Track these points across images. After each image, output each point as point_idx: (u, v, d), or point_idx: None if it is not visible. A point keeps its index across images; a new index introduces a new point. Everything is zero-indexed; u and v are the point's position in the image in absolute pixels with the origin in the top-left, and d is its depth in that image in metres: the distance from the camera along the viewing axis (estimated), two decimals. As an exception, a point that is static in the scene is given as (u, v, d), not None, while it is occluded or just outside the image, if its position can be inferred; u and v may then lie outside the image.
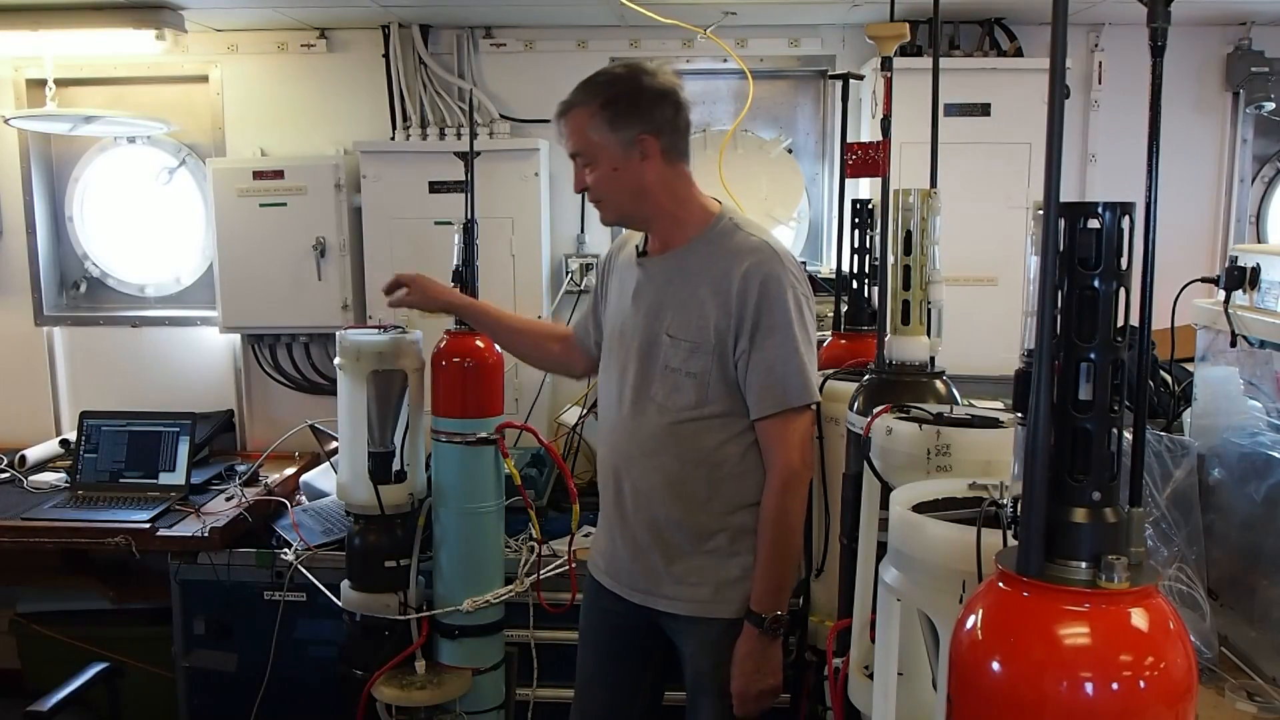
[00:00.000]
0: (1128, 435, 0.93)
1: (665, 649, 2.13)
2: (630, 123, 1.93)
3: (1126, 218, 0.87)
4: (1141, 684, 0.81)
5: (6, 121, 3.32)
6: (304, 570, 2.76)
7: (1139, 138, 0.95)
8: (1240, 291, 2.12)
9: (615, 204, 2.00)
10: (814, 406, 1.96)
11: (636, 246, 2.09)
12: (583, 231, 3.50)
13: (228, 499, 3.05)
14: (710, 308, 1.93)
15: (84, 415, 3.27)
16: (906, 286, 1.68)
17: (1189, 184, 3.43)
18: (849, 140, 2.32)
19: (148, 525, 2.87)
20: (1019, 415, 0.94)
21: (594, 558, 2.19)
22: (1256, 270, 2.09)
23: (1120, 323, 0.88)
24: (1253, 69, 3.33)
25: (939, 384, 1.66)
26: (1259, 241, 3.45)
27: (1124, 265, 0.88)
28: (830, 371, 2.09)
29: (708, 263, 1.96)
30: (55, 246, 3.73)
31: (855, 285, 2.39)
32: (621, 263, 2.14)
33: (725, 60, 3.44)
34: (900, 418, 1.45)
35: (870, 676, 1.36)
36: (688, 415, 1.95)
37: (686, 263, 1.98)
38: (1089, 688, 0.81)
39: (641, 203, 1.98)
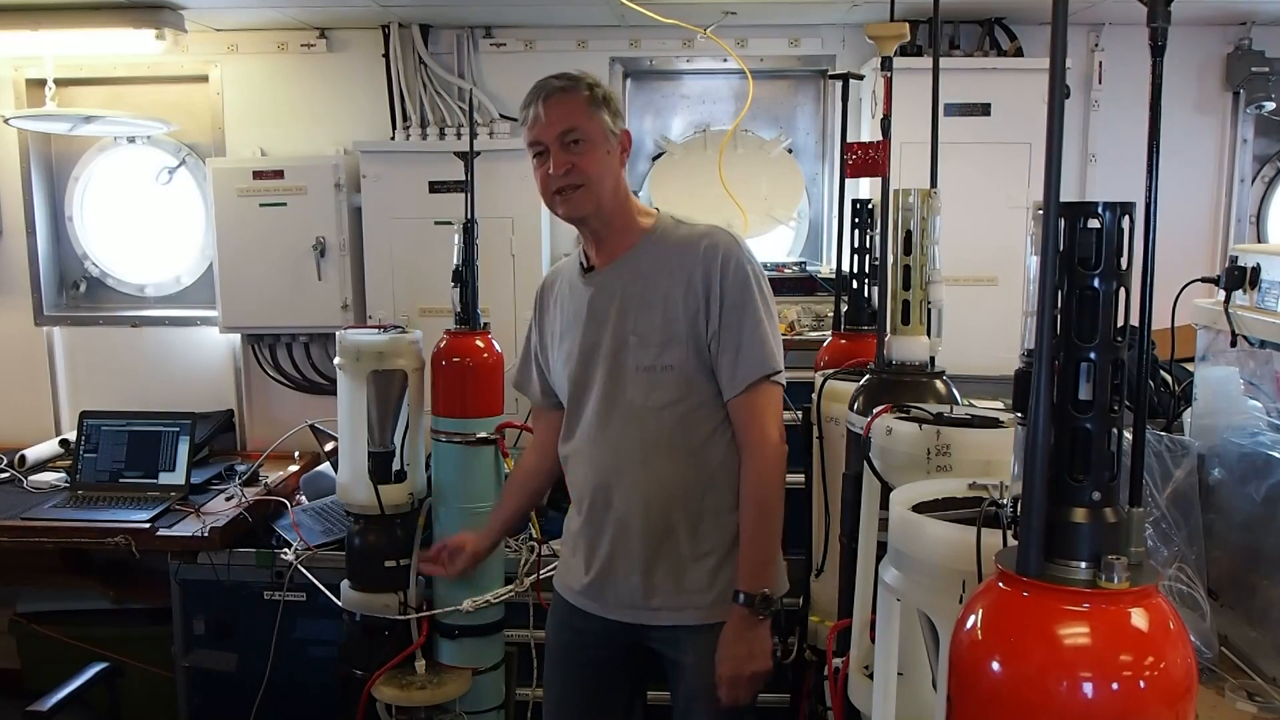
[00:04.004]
0: (1128, 435, 0.93)
1: (643, 665, 2.09)
2: (616, 116, 1.97)
3: (1126, 218, 0.87)
4: (1141, 684, 0.81)
5: (6, 121, 3.32)
6: (304, 570, 2.76)
7: (1139, 138, 0.94)
8: (1240, 291, 2.12)
9: (598, 190, 1.94)
10: (783, 383, 1.97)
11: (581, 264, 2.06)
12: (583, 231, 3.49)
13: (228, 499, 3.06)
14: (675, 297, 1.92)
15: (84, 415, 3.27)
16: (906, 286, 1.67)
17: (1189, 184, 3.43)
18: (849, 140, 2.32)
19: (148, 525, 2.87)
20: (1019, 415, 0.93)
21: (564, 579, 2.12)
22: (1256, 270, 2.09)
23: (1120, 323, 0.88)
24: (1253, 69, 3.33)
25: (939, 384, 1.66)
26: (1259, 241, 3.45)
27: (1124, 265, 0.88)
28: (830, 371, 2.08)
29: (661, 258, 1.96)
30: (55, 246, 3.73)
31: (855, 285, 2.39)
32: (561, 294, 2.10)
33: (725, 60, 3.44)
34: (900, 418, 1.45)
35: (870, 676, 1.35)
36: (671, 412, 1.93)
37: (639, 264, 1.97)
38: (1089, 688, 0.81)
39: (614, 195, 1.97)
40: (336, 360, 2.50)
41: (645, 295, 1.95)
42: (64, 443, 3.47)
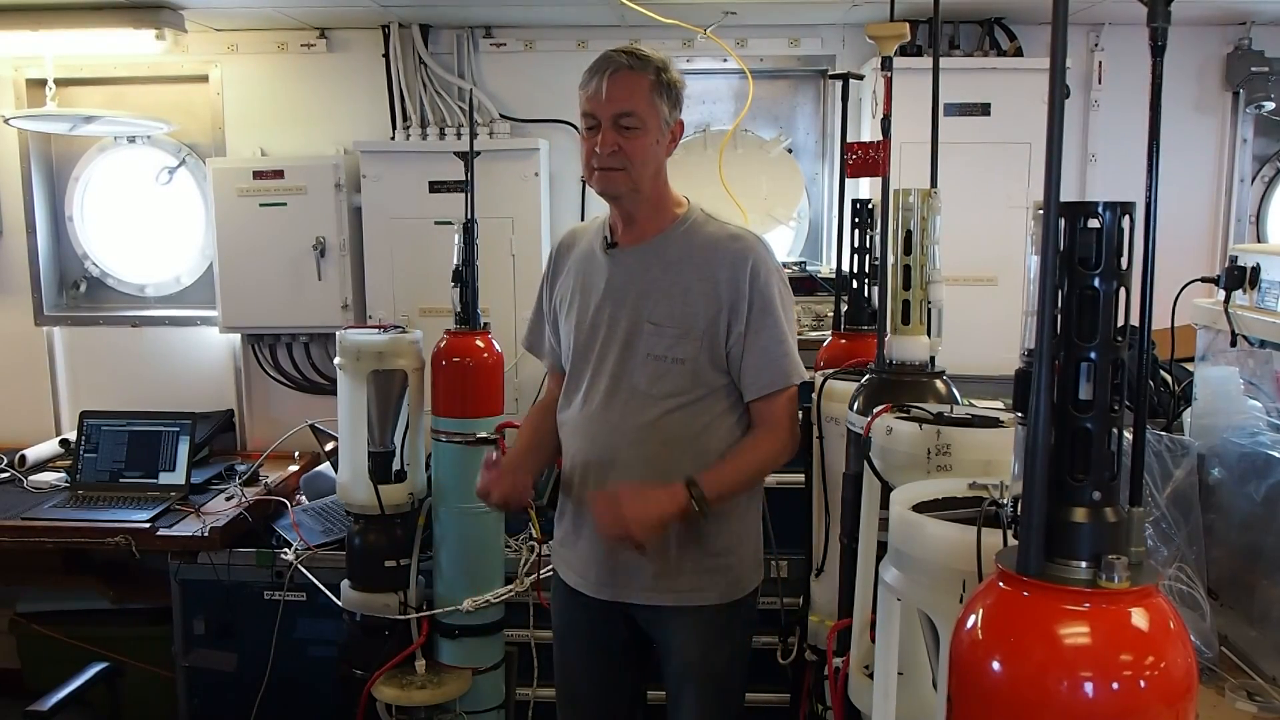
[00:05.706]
0: (1128, 435, 0.93)
1: (642, 645, 2.10)
2: (674, 105, 1.97)
3: (1126, 217, 0.87)
4: (1141, 684, 0.81)
5: (6, 121, 3.32)
6: (304, 570, 2.76)
7: (1139, 138, 0.94)
8: (1240, 291, 2.12)
9: (638, 175, 1.94)
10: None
11: (605, 238, 2.05)
12: (583, 231, 3.49)
13: (228, 499, 3.06)
14: (696, 294, 1.94)
15: (84, 415, 3.27)
16: (906, 286, 1.67)
17: (1189, 184, 3.43)
18: (849, 140, 2.31)
19: (148, 525, 2.87)
20: (1019, 415, 0.93)
21: (562, 555, 2.13)
22: (1256, 270, 2.09)
23: (1120, 322, 0.88)
24: (1253, 69, 3.33)
25: (939, 384, 1.66)
26: (1259, 241, 3.45)
27: (1124, 265, 0.88)
28: (830, 371, 2.08)
29: (688, 251, 1.98)
30: (55, 246, 3.73)
31: (855, 285, 2.38)
32: (578, 259, 2.09)
33: (725, 60, 3.44)
34: (900, 417, 1.45)
35: (870, 676, 1.36)
36: (675, 401, 1.95)
37: (665, 251, 1.99)
38: (1089, 687, 0.81)
39: (653, 183, 1.98)
40: (337, 360, 2.50)
41: (667, 284, 1.96)
42: (64, 443, 3.47)
